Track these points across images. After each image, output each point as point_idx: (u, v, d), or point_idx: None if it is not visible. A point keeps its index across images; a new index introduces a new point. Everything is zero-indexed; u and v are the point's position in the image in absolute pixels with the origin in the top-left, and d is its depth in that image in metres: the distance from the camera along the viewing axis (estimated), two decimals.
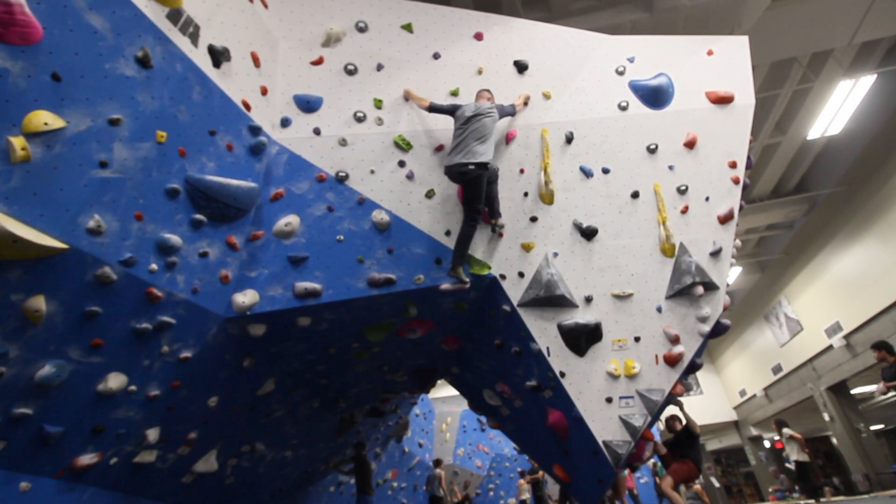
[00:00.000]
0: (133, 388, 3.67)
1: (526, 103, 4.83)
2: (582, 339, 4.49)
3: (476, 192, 4.24)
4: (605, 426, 4.36)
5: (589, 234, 4.69)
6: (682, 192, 4.85)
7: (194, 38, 3.57)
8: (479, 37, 4.95)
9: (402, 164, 4.54)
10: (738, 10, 6.61)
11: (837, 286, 12.13)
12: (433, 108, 4.49)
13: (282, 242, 4.22)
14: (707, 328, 4.57)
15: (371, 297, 4.26)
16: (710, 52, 5.32)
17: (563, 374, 4.46)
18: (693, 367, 4.66)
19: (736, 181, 4.93)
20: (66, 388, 3.26)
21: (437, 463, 10.52)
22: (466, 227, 4.31)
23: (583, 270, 4.66)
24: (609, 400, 4.41)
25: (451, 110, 4.43)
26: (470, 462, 12.61)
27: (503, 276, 4.59)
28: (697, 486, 11.14)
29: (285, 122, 4.42)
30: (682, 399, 5.79)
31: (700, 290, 4.55)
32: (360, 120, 4.54)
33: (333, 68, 4.62)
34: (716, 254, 4.69)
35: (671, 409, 6.22)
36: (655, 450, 5.38)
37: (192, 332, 3.88)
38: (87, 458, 3.62)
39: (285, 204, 4.29)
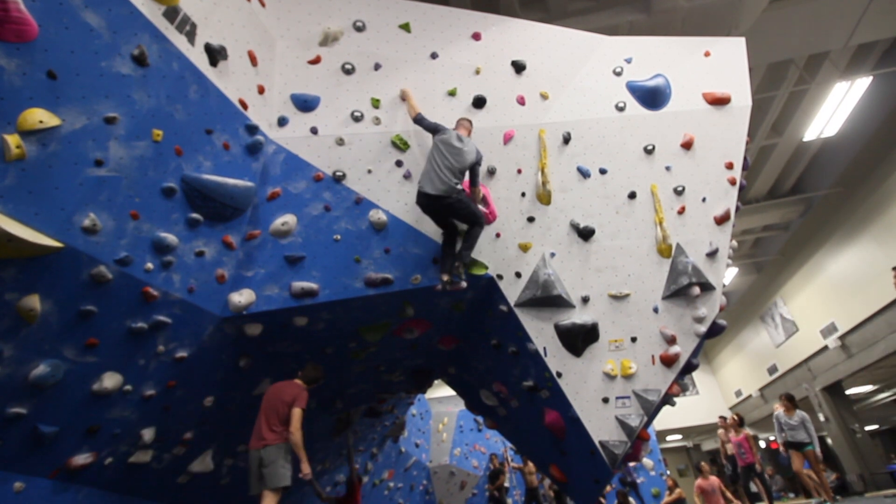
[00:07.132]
0: (128, 387, 3.66)
1: None
2: (579, 339, 4.49)
3: (461, 212, 4.11)
4: (602, 426, 4.37)
5: (586, 234, 4.70)
6: (678, 192, 4.86)
7: (191, 36, 3.55)
8: (476, 37, 4.95)
9: (399, 163, 4.54)
10: (735, 11, 6.63)
11: (833, 287, 12.17)
12: (418, 121, 4.35)
13: (278, 242, 4.21)
14: (703, 329, 4.57)
15: (368, 296, 4.26)
16: (707, 54, 5.33)
17: (559, 375, 4.47)
18: (689, 368, 4.67)
19: (732, 182, 4.94)
20: (60, 387, 3.24)
21: None
22: (473, 231, 4.17)
23: (580, 271, 4.66)
24: (606, 400, 4.42)
25: (434, 129, 4.26)
26: (467, 462, 12.60)
27: (500, 277, 4.59)
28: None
29: (282, 122, 4.41)
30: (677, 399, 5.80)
31: (696, 290, 4.56)
32: (357, 119, 4.53)
33: (331, 67, 4.61)
34: (712, 254, 4.70)
35: None
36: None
37: (188, 332, 3.87)
38: (81, 458, 3.61)
39: (282, 203, 4.28)
